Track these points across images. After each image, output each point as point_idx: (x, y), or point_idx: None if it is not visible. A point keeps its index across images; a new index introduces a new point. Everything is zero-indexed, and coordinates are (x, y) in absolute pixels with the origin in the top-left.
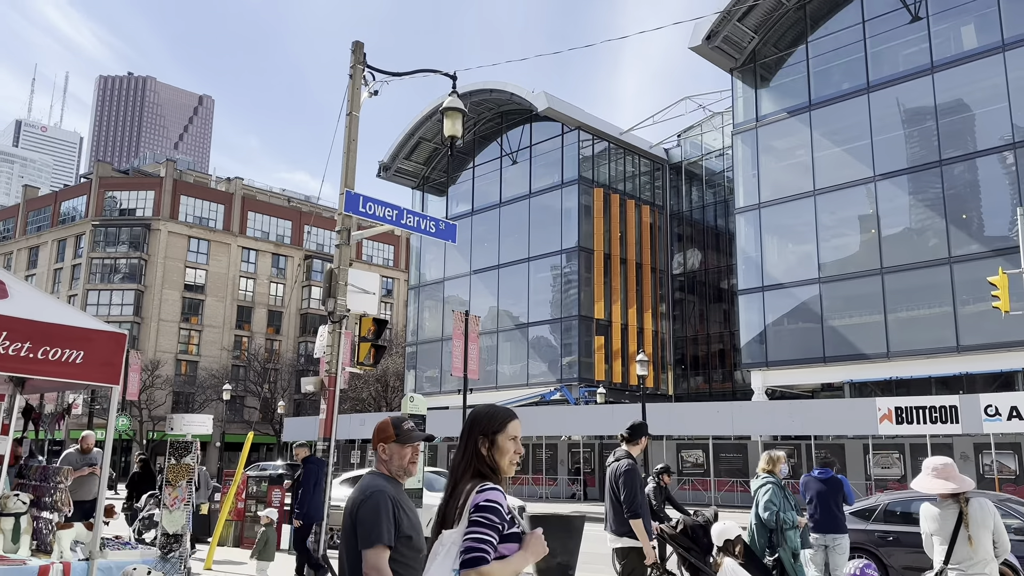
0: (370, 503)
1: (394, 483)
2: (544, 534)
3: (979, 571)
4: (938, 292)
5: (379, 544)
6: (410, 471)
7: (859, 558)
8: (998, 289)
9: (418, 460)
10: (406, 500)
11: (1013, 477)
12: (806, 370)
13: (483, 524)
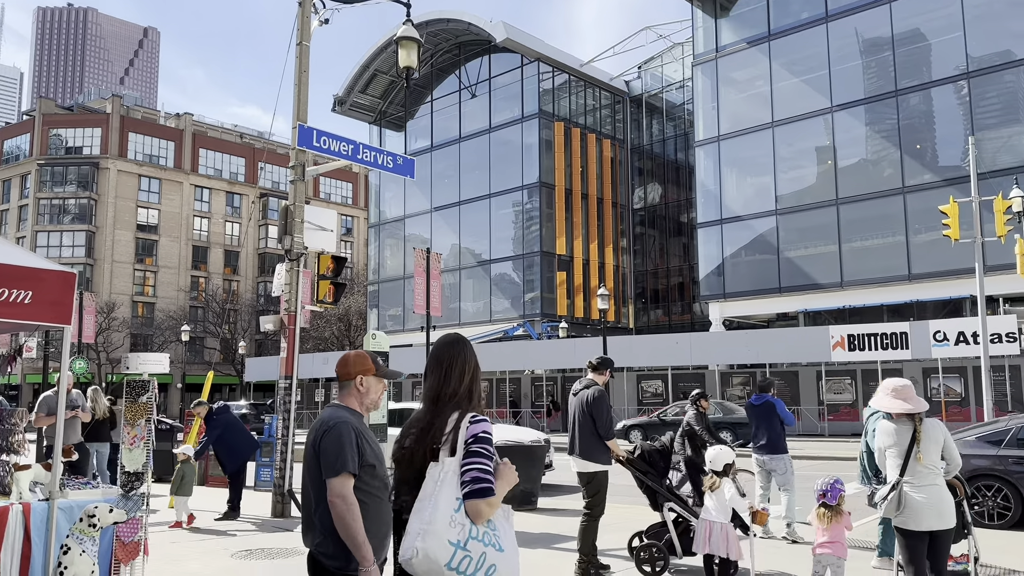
0: (333, 433)
1: (357, 415)
2: None
3: (929, 483)
4: (891, 222)
5: (344, 472)
6: (377, 405)
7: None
8: (949, 218)
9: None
10: (368, 432)
11: (959, 400)
12: (762, 300)
13: (483, 455)
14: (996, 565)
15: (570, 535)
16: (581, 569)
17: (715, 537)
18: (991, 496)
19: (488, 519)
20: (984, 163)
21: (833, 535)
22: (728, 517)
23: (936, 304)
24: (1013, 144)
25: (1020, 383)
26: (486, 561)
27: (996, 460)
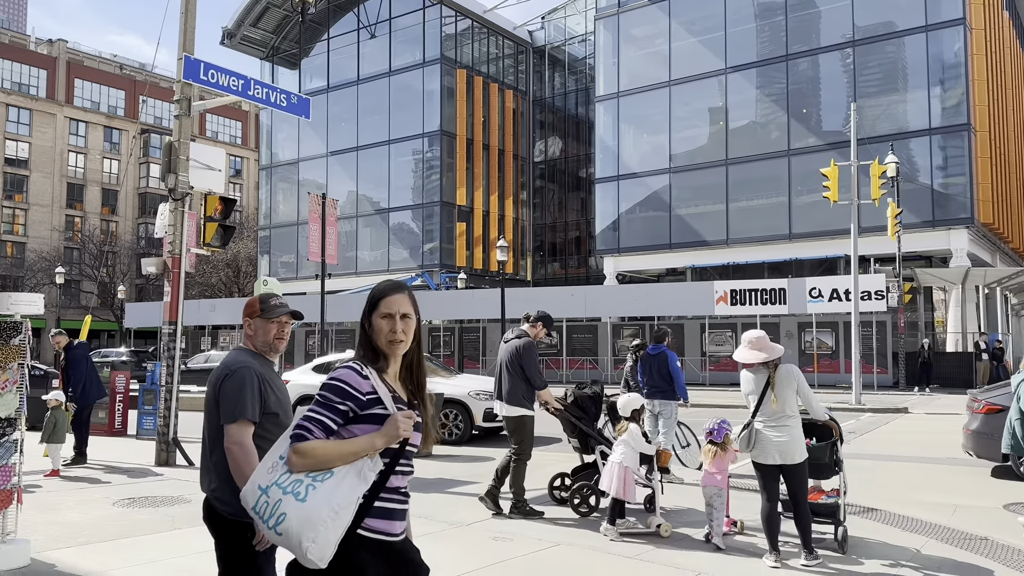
0: (234, 378)
1: (261, 359)
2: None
3: (782, 424)
4: (776, 183)
5: (243, 419)
6: (276, 347)
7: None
8: (829, 181)
9: (285, 337)
10: (274, 377)
11: (830, 352)
12: (654, 256)
13: (318, 403)
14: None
15: (464, 479)
16: (516, 508)
17: (615, 478)
18: None
19: (301, 467)
20: (864, 129)
21: (717, 468)
22: (636, 461)
23: (813, 262)
24: (891, 112)
25: (886, 338)
26: (279, 508)
27: None
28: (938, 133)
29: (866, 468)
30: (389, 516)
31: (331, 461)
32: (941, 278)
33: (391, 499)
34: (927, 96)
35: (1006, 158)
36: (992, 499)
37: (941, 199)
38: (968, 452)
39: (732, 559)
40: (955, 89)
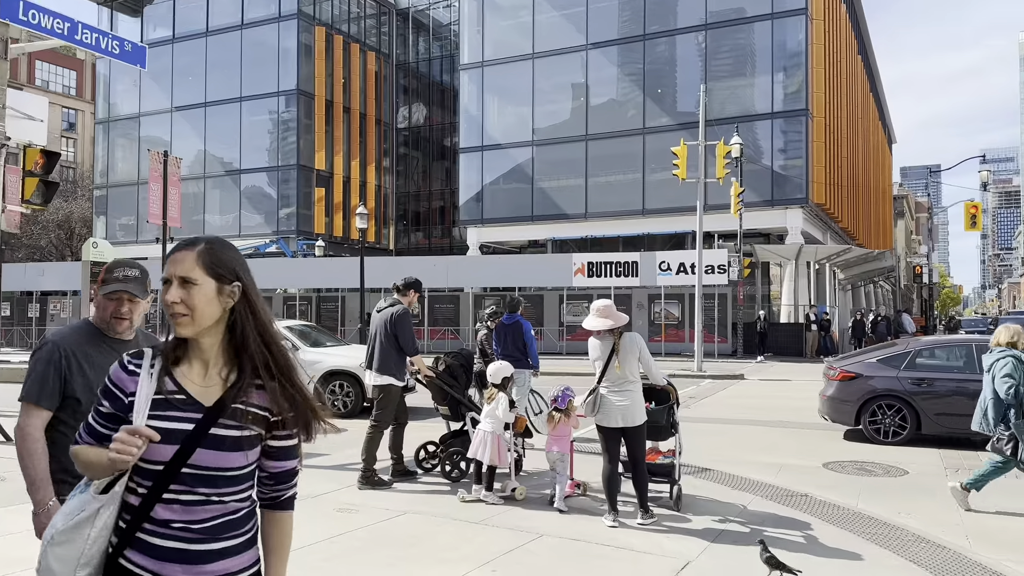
0: (38, 354)
1: (97, 336)
2: None
3: (625, 388)
4: (632, 160)
5: (26, 402)
6: (114, 327)
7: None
8: (678, 159)
9: (126, 318)
10: (101, 357)
11: (677, 322)
12: (516, 228)
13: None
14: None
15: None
16: (364, 477)
17: (487, 446)
18: (891, 415)
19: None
20: (713, 111)
21: (560, 433)
22: (502, 428)
23: (665, 237)
24: (739, 95)
25: (727, 309)
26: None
27: (896, 381)
28: (780, 117)
29: (703, 431)
30: (154, 554)
31: (85, 470)
32: (777, 254)
33: (157, 532)
34: (771, 82)
35: (838, 143)
36: (815, 459)
37: (780, 180)
38: (824, 416)
39: (573, 520)
40: (796, 76)
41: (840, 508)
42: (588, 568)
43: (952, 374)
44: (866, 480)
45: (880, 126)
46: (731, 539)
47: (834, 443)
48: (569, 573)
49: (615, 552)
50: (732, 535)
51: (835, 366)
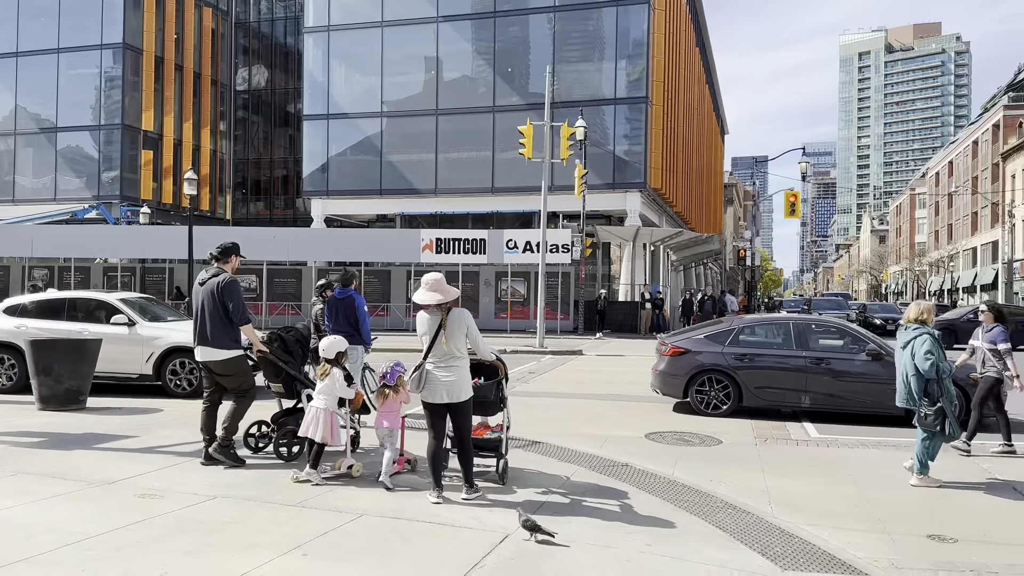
0: None
1: None
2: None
3: (451, 364)
4: (482, 138)
5: None
6: None
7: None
8: (525, 138)
9: None
10: None
11: (522, 300)
12: (364, 201)
13: None
14: (529, 438)
15: (121, 434)
16: (222, 448)
17: (320, 423)
18: (716, 389)
19: None
20: (561, 94)
21: (390, 409)
22: (334, 403)
23: (514, 215)
24: (586, 79)
25: (569, 288)
26: None
27: (720, 356)
28: (622, 103)
29: (539, 404)
30: None
31: None
32: (617, 235)
33: None
34: (615, 68)
35: (675, 131)
36: (638, 430)
37: (621, 164)
38: (655, 390)
39: (398, 497)
40: (638, 64)
41: (657, 477)
42: (405, 546)
43: (771, 350)
44: (683, 449)
45: (714, 117)
46: (551, 510)
47: (662, 415)
48: (384, 552)
49: (436, 528)
50: (553, 506)
51: (666, 342)
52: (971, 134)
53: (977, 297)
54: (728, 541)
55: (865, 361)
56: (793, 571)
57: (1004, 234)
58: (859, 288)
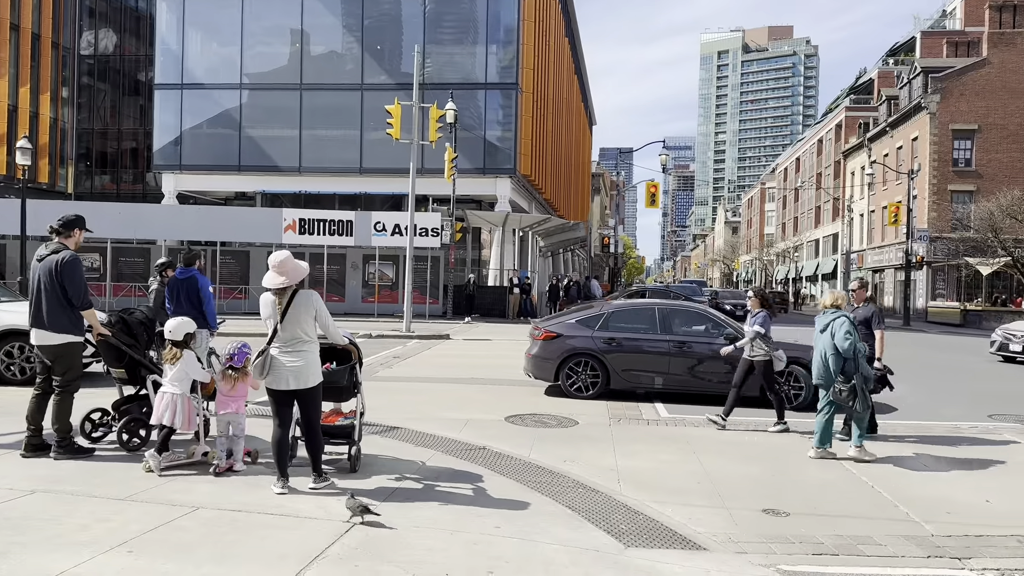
0: None
1: None
2: None
3: (298, 349)
4: (350, 116)
5: None
6: None
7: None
8: (393, 118)
9: None
10: None
11: (391, 283)
12: (221, 177)
13: None
14: (387, 424)
15: None
16: (62, 446)
17: (178, 409)
18: (586, 372)
19: None
20: (433, 76)
21: (236, 394)
22: (188, 388)
23: (383, 197)
24: (457, 62)
25: (439, 272)
26: None
27: (590, 340)
28: (493, 89)
29: (401, 389)
30: None
31: None
32: (487, 220)
33: None
34: (486, 53)
35: (545, 119)
36: (499, 413)
37: (491, 149)
38: (528, 373)
39: (239, 489)
40: (509, 50)
41: (513, 459)
42: (244, 540)
43: (638, 335)
44: (541, 431)
45: (583, 107)
46: (404, 496)
47: (525, 398)
48: (220, 547)
49: (278, 520)
50: (405, 492)
51: (539, 327)
52: (816, 133)
53: (819, 285)
54: (576, 520)
55: (723, 345)
56: (636, 548)
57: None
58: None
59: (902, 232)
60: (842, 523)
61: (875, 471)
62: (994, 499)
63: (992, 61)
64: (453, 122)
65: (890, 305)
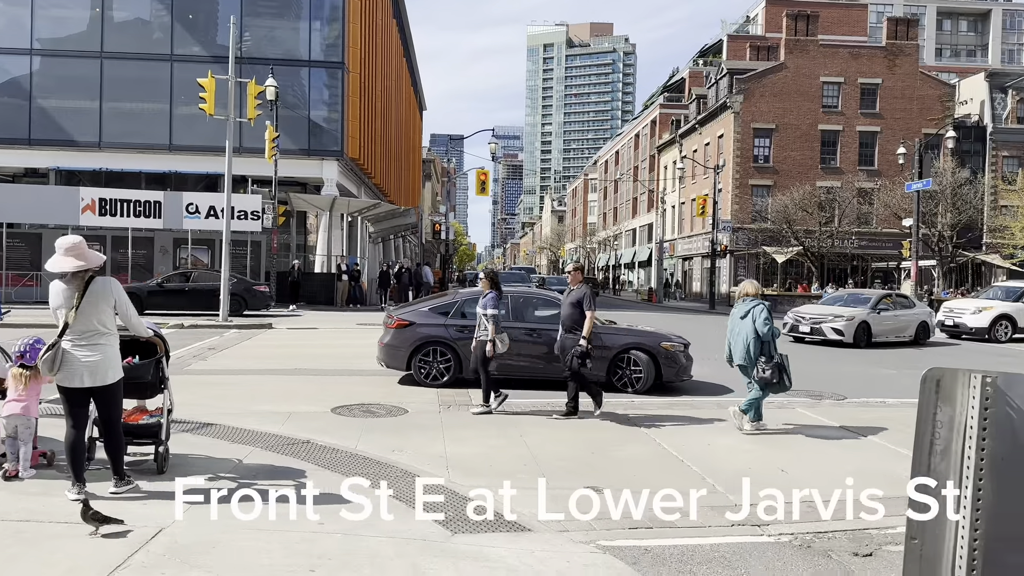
0: None
1: None
2: None
3: (95, 342)
4: (158, 88)
5: None
6: None
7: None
8: (206, 92)
9: None
10: None
11: (206, 269)
12: (8, 151)
13: None
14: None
15: None
16: None
17: None
18: (439, 360)
19: None
20: (252, 50)
21: (29, 394)
22: None
23: (197, 177)
24: (278, 37)
25: (260, 257)
26: None
27: (443, 328)
28: (318, 67)
29: (217, 383)
30: None
31: None
32: (312, 204)
33: None
34: (309, 28)
35: (373, 101)
36: (325, 405)
37: (317, 130)
38: (381, 362)
39: (28, 496)
40: (334, 27)
41: (339, 451)
42: (30, 552)
43: None
44: (369, 421)
45: (412, 92)
46: (217, 497)
47: (352, 388)
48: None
49: (73, 529)
50: (219, 493)
51: (393, 314)
52: (634, 128)
53: (636, 272)
54: (403, 510)
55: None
56: (463, 534)
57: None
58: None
59: (708, 223)
60: (656, 497)
61: (686, 446)
62: (789, 469)
63: (788, 66)
64: (274, 99)
65: (698, 291)
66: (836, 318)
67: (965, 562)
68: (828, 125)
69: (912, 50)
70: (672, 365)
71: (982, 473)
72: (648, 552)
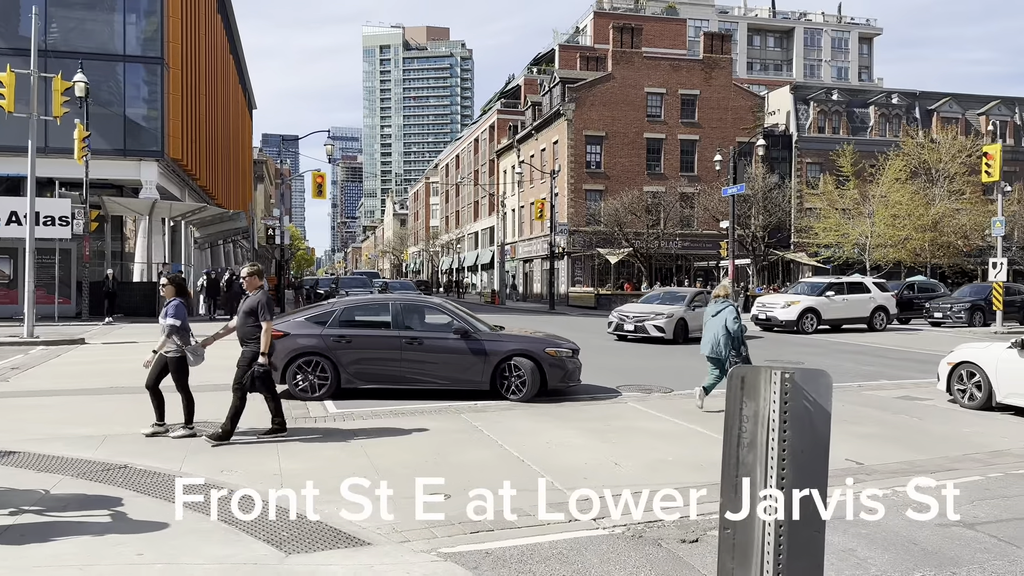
0: None
1: None
2: None
3: None
4: None
5: None
6: None
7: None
8: (5, 88)
9: None
10: None
11: (8, 282)
12: None
13: None
14: None
15: None
16: None
17: None
18: (313, 370)
19: None
20: (58, 43)
21: None
22: None
23: None
24: (88, 29)
25: (70, 267)
26: None
27: (320, 339)
28: (134, 62)
29: (21, 405)
30: None
31: None
32: (129, 208)
33: None
34: (124, 21)
35: (197, 99)
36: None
37: (134, 129)
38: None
39: None
40: (151, 21)
41: (160, 475)
42: None
43: (370, 331)
44: (195, 442)
45: (240, 90)
46: (19, 533)
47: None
48: None
49: None
50: (22, 528)
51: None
52: (473, 132)
53: (479, 275)
54: (233, 534)
55: (455, 339)
56: (298, 554)
57: (498, 221)
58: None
59: (547, 226)
60: (497, 498)
61: (526, 447)
62: (621, 463)
63: (615, 76)
64: (85, 96)
65: (538, 291)
66: (657, 316)
67: (772, 546)
68: (653, 133)
69: (726, 64)
70: (558, 371)
71: (784, 464)
72: (489, 555)
